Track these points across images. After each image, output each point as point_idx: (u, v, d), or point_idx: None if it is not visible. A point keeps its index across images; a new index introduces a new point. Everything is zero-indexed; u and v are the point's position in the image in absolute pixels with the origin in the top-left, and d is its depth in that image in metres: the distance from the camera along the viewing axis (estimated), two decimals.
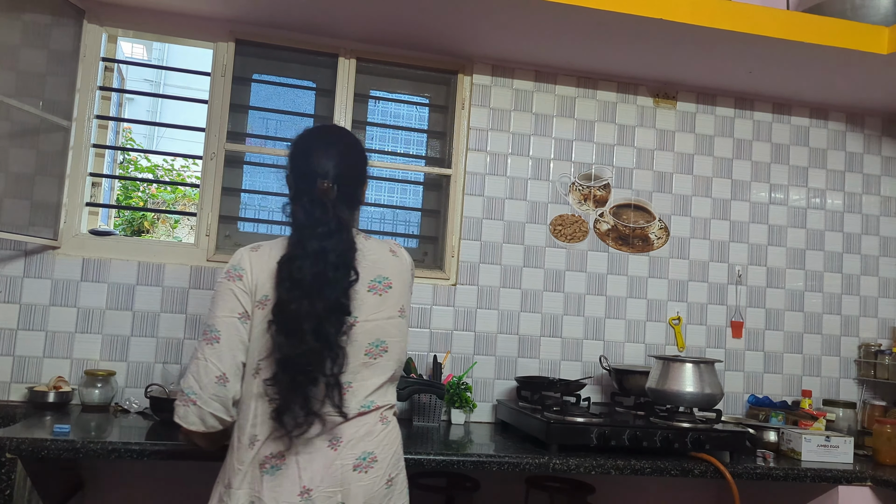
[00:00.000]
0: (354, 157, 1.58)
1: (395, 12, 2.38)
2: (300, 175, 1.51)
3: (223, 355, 1.44)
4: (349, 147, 1.57)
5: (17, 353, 2.35)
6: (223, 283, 1.48)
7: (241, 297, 1.46)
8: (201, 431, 1.45)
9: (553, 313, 2.75)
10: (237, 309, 1.46)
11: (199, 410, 1.43)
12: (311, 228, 1.44)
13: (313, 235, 1.44)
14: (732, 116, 2.96)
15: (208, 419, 1.43)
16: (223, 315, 1.46)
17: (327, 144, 1.54)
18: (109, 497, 2.34)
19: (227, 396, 1.44)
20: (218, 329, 1.45)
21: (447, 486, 2.26)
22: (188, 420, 1.44)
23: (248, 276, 1.47)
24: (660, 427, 2.17)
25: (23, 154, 2.35)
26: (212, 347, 1.44)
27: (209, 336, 1.45)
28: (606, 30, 2.39)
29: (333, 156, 1.51)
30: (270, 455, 1.41)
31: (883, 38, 2.41)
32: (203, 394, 1.42)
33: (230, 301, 1.46)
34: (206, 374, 1.43)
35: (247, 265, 1.48)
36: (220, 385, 1.43)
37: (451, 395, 2.49)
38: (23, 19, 2.32)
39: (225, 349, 1.44)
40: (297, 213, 1.49)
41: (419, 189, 2.85)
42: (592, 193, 2.83)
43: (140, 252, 2.48)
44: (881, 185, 3.07)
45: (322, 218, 1.45)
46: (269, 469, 1.41)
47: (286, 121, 2.68)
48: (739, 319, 2.89)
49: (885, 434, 2.36)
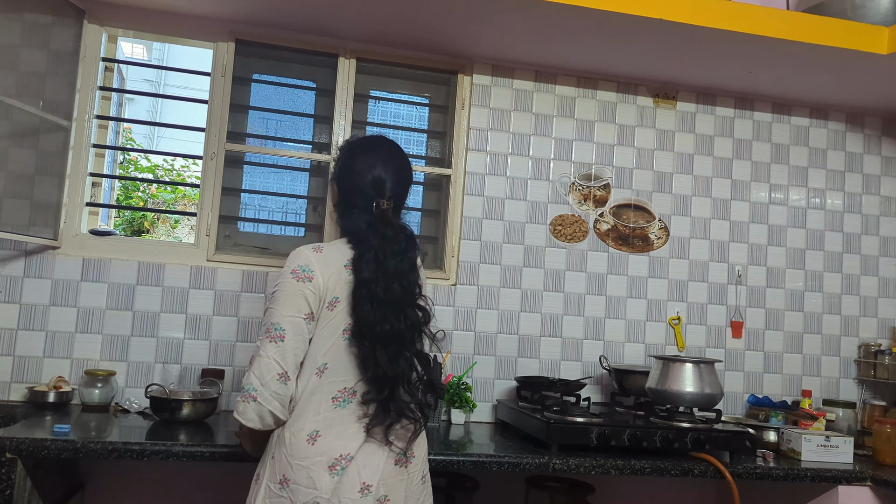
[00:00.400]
0: (408, 168, 1.67)
1: (395, 12, 2.37)
2: (356, 187, 1.58)
3: (286, 354, 1.47)
4: (404, 160, 1.66)
5: (17, 353, 2.35)
6: (290, 283, 1.50)
7: (311, 298, 1.50)
8: (257, 429, 1.48)
9: (553, 313, 2.75)
10: (304, 310, 1.49)
11: (258, 407, 1.46)
12: (387, 248, 1.50)
13: (390, 255, 1.50)
14: (732, 116, 2.96)
15: (266, 417, 1.47)
16: (289, 314, 1.48)
17: (387, 160, 1.61)
18: (109, 497, 2.34)
19: (287, 395, 1.48)
20: (283, 328, 1.48)
21: (447, 486, 2.27)
22: (247, 416, 1.47)
23: (318, 279, 1.50)
24: (660, 427, 2.17)
25: (23, 154, 2.35)
26: (276, 346, 1.47)
27: (273, 334, 1.48)
28: (606, 30, 2.39)
29: (392, 171, 1.60)
30: (340, 457, 1.46)
31: (883, 38, 2.41)
32: (265, 391, 1.45)
33: (298, 301, 1.49)
34: (269, 371, 1.46)
35: (316, 267, 1.51)
36: (282, 383, 1.46)
37: (451, 395, 2.49)
38: (23, 19, 2.32)
39: (289, 348, 1.47)
40: (357, 225, 1.56)
41: (419, 189, 2.85)
42: (592, 193, 2.83)
43: (140, 252, 2.48)
44: (881, 185, 3.07)
45: (396, 238, 1.52)
46: (339, 471, 1.45)
47: (286, 121, 2.68)
48: (739, 319, 2.89)
49: (885, 434, 2.36)
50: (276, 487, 1.47)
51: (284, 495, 1.45)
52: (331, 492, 1.44)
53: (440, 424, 2.46)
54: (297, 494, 1.44)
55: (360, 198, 1.58)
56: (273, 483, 1.48)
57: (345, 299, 1.51)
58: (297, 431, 1.48)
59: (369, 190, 1.57)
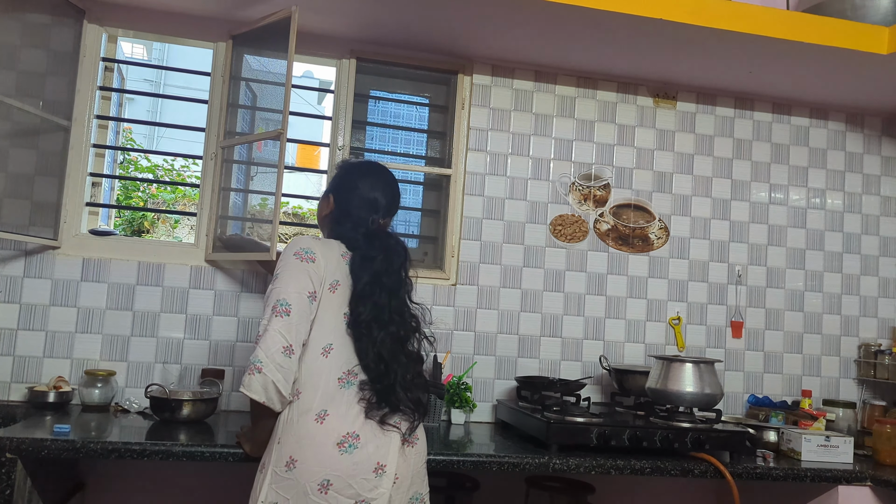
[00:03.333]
0: (399, 198, 1.85)
1: (395, 13, 2.38)
2: (359, 205, 1.74)
3: (291, 328, 1.53)
4: (397, 190, 1.84)
5: (17, 353, 2.35)
6: (294, 262, 1.58)
7: (314, 277, 1.58)
8: (261, 403, 1.51)
9: (553, 313, 2.75)
10: (308, 287, 1.56)
11: (263, 379, 1.49)
12: (387, 258, 1.66)
13: (388, 264, 1.66)
14: (732, 116, 2.96)
15: (270, 389, 1.50)
16: (295, 291, 1.55)
17: (385, 186, 1.79)
18: (109, 497, 2.34)
19: (291, 369, 1.52)
20: (290, 303, 1.54)
21: (447, 486, 2.27)
22: (252, 388, 1.51)
23: (320, 262, 1.60)
24: (660, 427, 2.17)
25: (23, 154, 2.35)
26: (282, 320, 1.52)
27: (279, 309, 1.53)
28: (606, 30, 2.39)
29: (389, 197, 1.78)
30: (348, 434, 1.50)
31: (883, 38, 2.41)
32: (269, 363, 1.49)
33: (303, 279, 1.57)
34: (275, 344, 1.50)
35: (318, 250, 1.62)
36: (286, 356, 1.51)
37: (451, 395, 2.49)
38: (23, 19, 2.32)
39: (294, 322, 1.53)
40: (352, 234, 1.69)
41: (419, 189, 2.85)
42: (592, 193, 2.83)
43: (140, 252, 2.48)
44: (881, 185, 3.07)
45: (395, 247, 1.69)
46: (348, 448, 1.49)
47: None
48: (739, 319, 2.89)
49: (885, 434, 2.36)
50: (282, 471, 1.50)
51: (291, 477, 1.48)
52: (341, 469, 1.47)
53: (440, 424, 2.46)
54: (305, 474, 1.47)
55: (356, 213, 1.73)
56: (279, 467, 1.50)
57: (345, 283, 1.62)
58: (306, 411, 1.52)
59: (367, 207, 1.74)
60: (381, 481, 1.50)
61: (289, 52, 2.23)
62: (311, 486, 1.46)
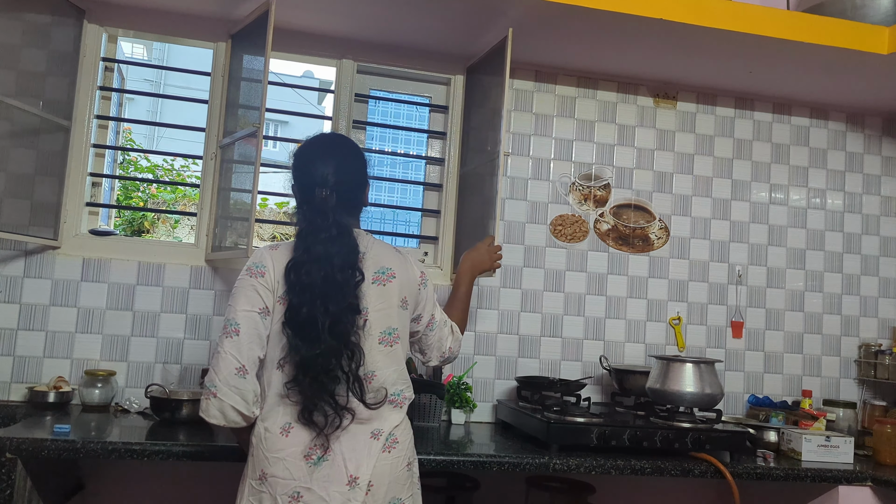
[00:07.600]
0: (353, 162, 1.63)
1: (394, 13, 2.37)
2: (302, 185, 1.59)
3: (242, 348, 1.49)
4: (347, 154, 1.63)
5: (17, 353, 2.35)
6: (245, 280, 1.54)
7: (263, 293, 1.52)
8: (223, 426, 1.49)
9: (553, 313, 2.75)
10: (258, 304, 1.51)
11: (219, 403, 1.47)
12: (314, 235, 1.51)
13: (317, 241, 1.50)
14: (732, 116, 2.96)
15: (229, 412, 1.48)
16: (244, 310, 1.51)
17: (325, 154, 1.60)
18: (109, 497, 2.34)
19: (247, 389, 1.49)
20: (238, 322, 1.50)
21: (447, 486, 2.27)
22: (209, 413, 1.48)
23: (270, 274, 1.53)
24: (660, 427, 2.17)
25: (23, 154, 2.35)
26: (231, 341, 1.49)
27: (228, 330, 1.50)
28: (606, 30, 2.39)
29: (331, 164, 1.57)
30: (314, 445, 1.48)
31: (883, 38, 2.41)
32: (223, 387, 1.47)
33: (252, 296, 1.52)
34: (226, 366, 1.47)
35: (269, 263, 1.54)
36: (240, 377, 1.48)
37: (452, 395, 2.49)
38: (23, 19, 2.32)
39: (244, 342, 1.49)
40: (300, 221, 1.56)
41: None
42: (592, 193, 2.83)
43: (140, 252, 2.48)
44: (881, 185, 3.07)
45: (323, 224, 1.51)
46: (316, 460, 1.47)
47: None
48: (739, 319, 2.89)
49: (886, 434, 2.36)
50: (255, 483, 1.50)
51: (265, 490, 1.48)
52: (310, 481, 1.46)
53: (440, 424, 2.46)
54: (276, 487, 1.47)
55: (304, 191, 1.57)
56: (253, 479, 1.51)
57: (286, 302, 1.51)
58: (272, 425, 1.51)
59: (310, 182, 1.55)
60: (354, 494, 1.47)
61: (266, 48, 2.17)
62: (283, 499, 1.46)
